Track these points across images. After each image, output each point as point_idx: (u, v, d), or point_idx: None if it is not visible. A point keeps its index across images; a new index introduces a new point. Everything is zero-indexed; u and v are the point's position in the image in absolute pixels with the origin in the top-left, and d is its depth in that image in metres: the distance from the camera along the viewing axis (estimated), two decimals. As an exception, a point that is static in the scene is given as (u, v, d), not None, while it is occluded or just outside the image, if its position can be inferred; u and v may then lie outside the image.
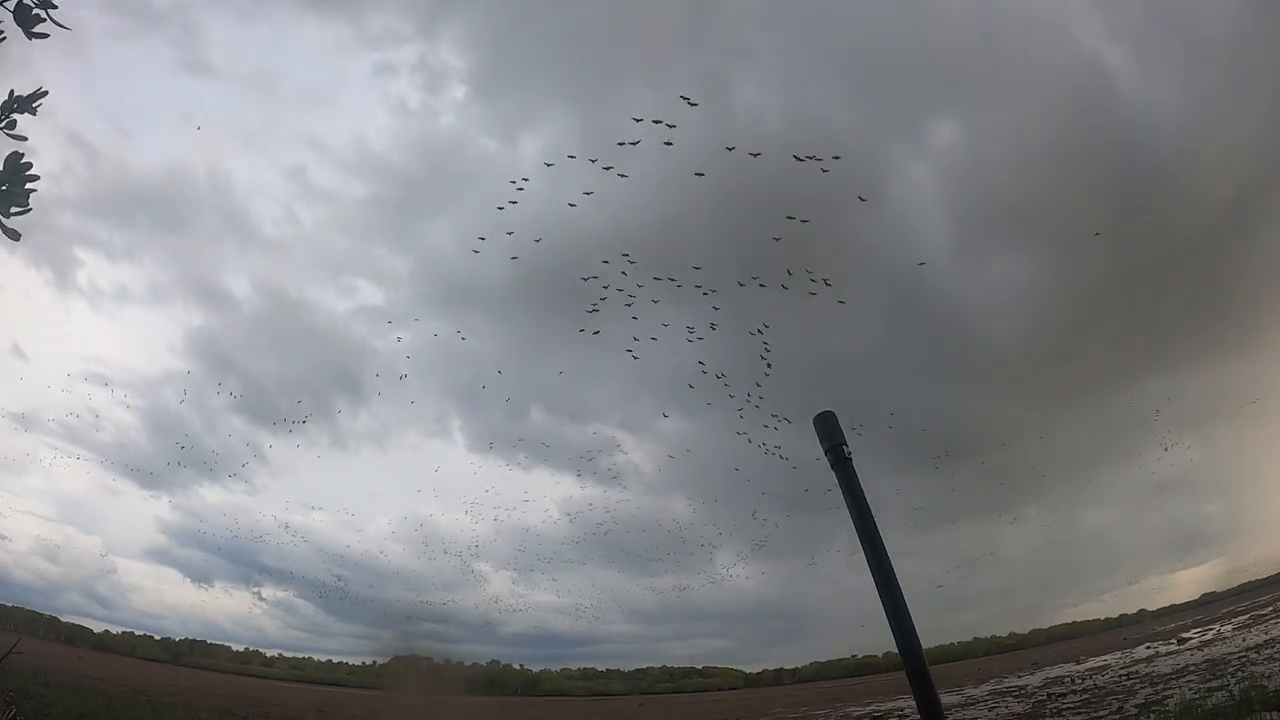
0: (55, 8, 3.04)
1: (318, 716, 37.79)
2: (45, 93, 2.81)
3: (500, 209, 50.14)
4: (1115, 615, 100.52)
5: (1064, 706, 23.44)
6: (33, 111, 2.84)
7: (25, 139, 2.87)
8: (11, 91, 2.82)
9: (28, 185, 2.75)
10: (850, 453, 1.95)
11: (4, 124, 2.80)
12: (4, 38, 3.04)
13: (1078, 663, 43.44)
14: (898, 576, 1.85)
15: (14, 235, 2.73)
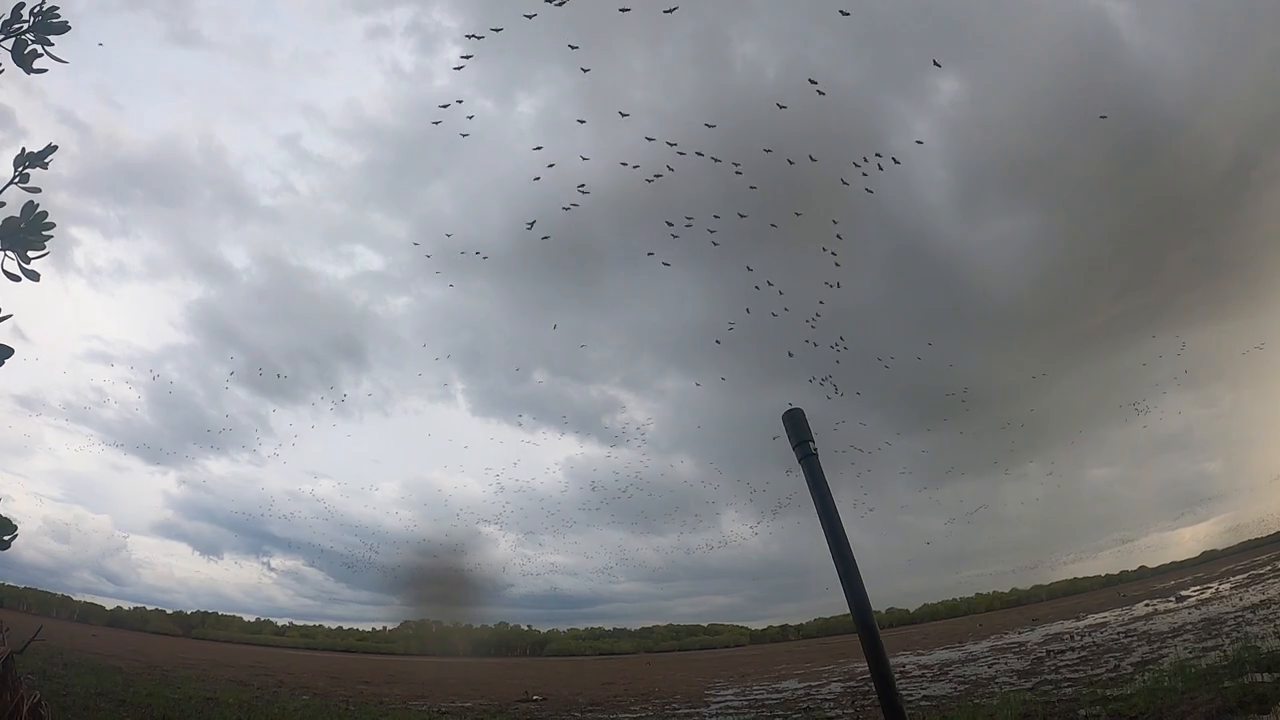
0: (53, 44, 3.19)
1: (329, 682, 38.19)
2: (55, 148, 3.03)
3: (536, 179, 49.59)
4: (1116, 572, 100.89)
5: (1062, 664, 23.71)
6: (44, 165, 2.96)
7: (39, 190, 2.94)
8: (23, 149, 2.93)
9: (44, 233, 2.89)
10: (816, 448, 2.08)
11: (17, 179, 2.97)
12: (3, 70, 3.26)
13: (1077, 620, 43.71)
14: (851, 550, 2.01)
15: (34, 276, 2.91)
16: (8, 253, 2.89)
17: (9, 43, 3.16)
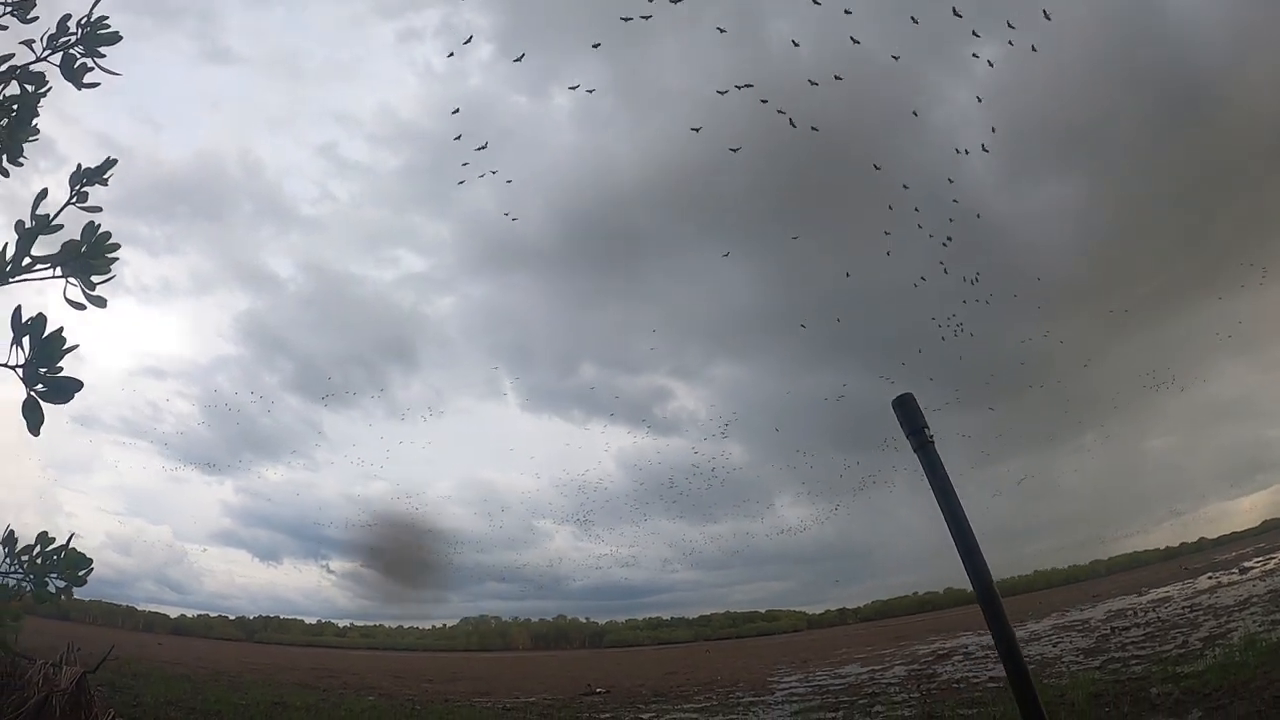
0: (104, 56, 3.06)
1: (393, 681, 38.58)
2: (115, 161, 2.88)
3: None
4: (1175, 544, 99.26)
5: (1128, 641, 23.45)
6: (104, 182, 2.89)
7: (100, 209, 2.84)
8: (79, 165, 2.87)
9: (108, 255, 2.79)
10: (932, 435, 2.07)
11: (75, 198, 2.85)
12: (49, 88, 3.18)
13: (1139, 594, 43.10)
14: (974, 535, 1.99)
15: (100, 302, 2.80)
16: (70, 280, 2.78)
17: (57, 58, 3.06)
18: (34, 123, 2.90)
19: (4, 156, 2.82)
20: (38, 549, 3.08)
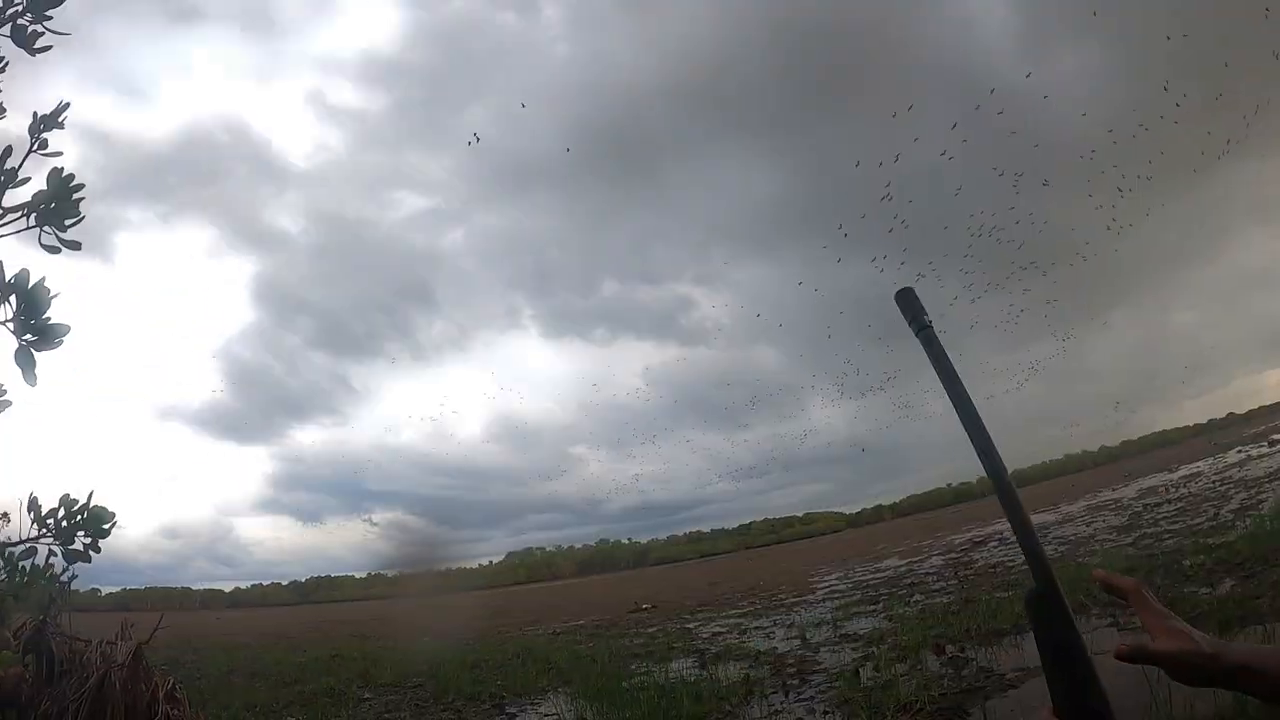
0: (50, 18, 3.04)
1: (446, 622, 39.17)
2: (68, 104, 2.93)
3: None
4: (1204, 421, 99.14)
5: (1160, 516, 23.60)
6: (60, 125, 2.95)
7: (61, 153, 2.89)
8: (35, 113, 2.91)
9: (75, 196, 2.83)
10: (930, 321, 2.16)
11: (36, 145, 2.88)
12: (6, 63, 3.22)
13: (1170, 472, 43.15)
14: (980, 418, 2.08)
15: (75, 245, 2.87)
16: (44, 228, 2.85)
17: (6, 29, 3.04)
18: None
19: None
20: (62, 511, 3.22)
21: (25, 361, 2.77)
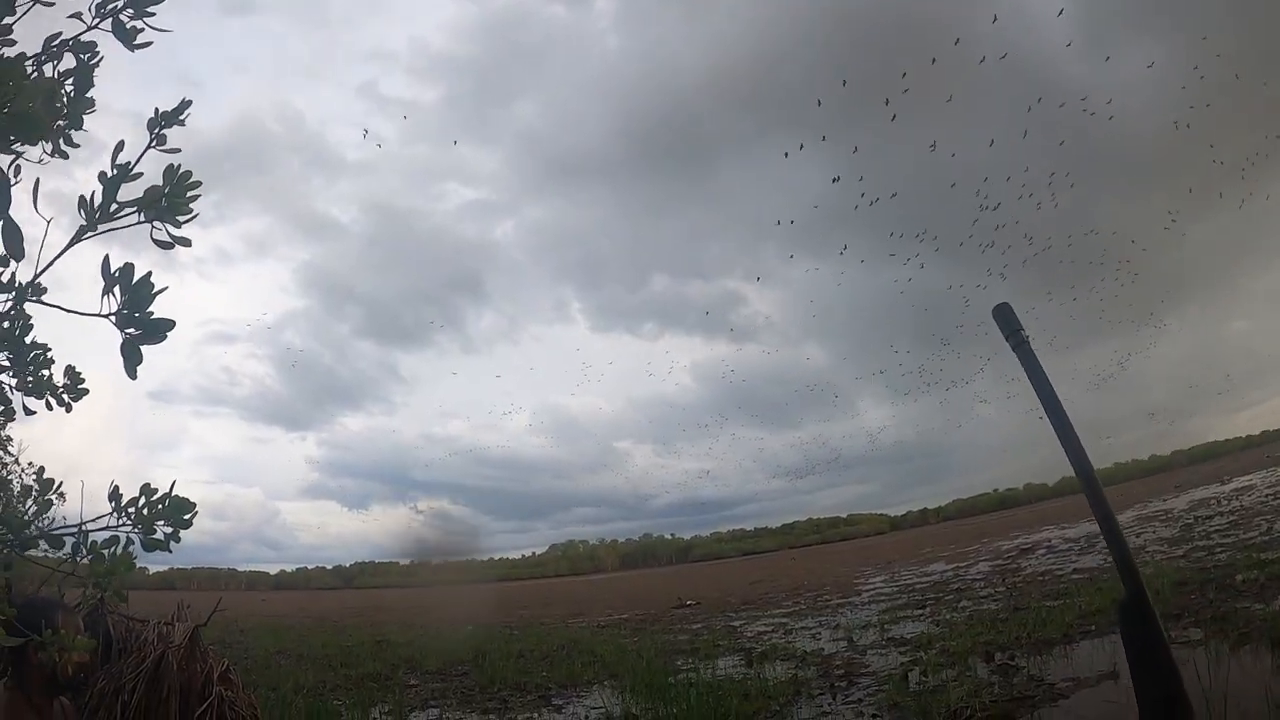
0: (153, 14, 3.00)
1: (490, 611, 39.40)
2: (189, 103, 2.94)
3: None
4: (1257, 433, 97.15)
5: (1212, 529, 23.30)
6: (182, 123, 2.92)
7: (179, 150, 2.85)
8: (156, 109, 2.89)
9: (189, 194, 2.78)
10: (1027, 336, 2.20)
11: (155, 141, 2.85)
12: (102, 58, 3.23)
13: (1222, 484, 42.54)
14: (1075, 430, 2.10)
15: (186, 242, 2.81)
16: (154, 223, 2.81)
17: (107, 24, 2.98)
18: (90, 94, 2.98)
19: (67, 135, 2.92)
20: (143, 500, 3.25)
21: (131, 356, 2.81)
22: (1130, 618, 1.86)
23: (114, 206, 2.72)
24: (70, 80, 2.86)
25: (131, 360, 2.78)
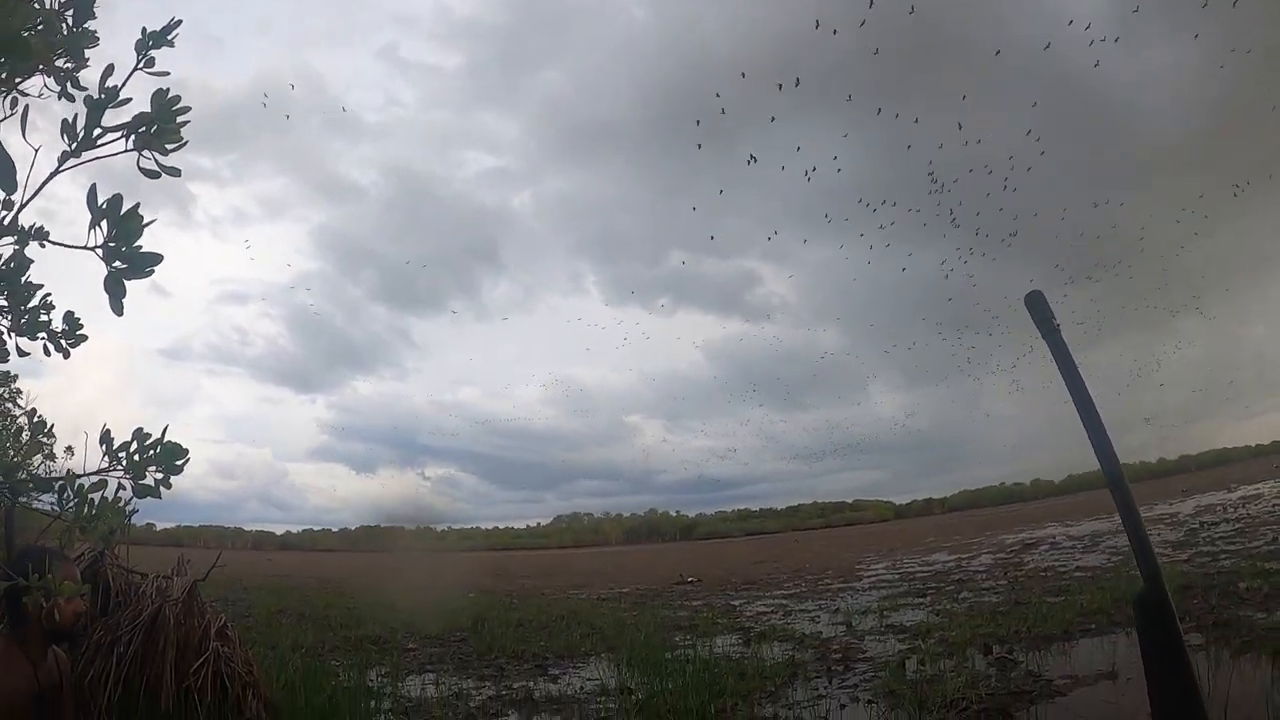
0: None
1: (492, 579, 39.66)
2: (179, 21, 2.80)
3: None
4: (1267, 442, 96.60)
5: (1217, 536, 23.25)
6: (170, 44, 2.81)
7: (168, 73, 2.78)
8: (144, 29, 2.77)
9: (179, 120, 2.73)
10: (1059, 325, 2.19)
11: (143, 63, 2.74)
12: None
13: (1229, 491, 42.40)
14: (1102, 421, 2.09)
15: (174, 171, 2.79)
16: (143, 152, 2.74)
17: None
18: (90, 25, 2.86)
19: (75, 78, 2.84)
20: (134, 444, 3.21)
21: (115, 289, 2.74)
22: (1149, 614, 1.84)
23: (98, 132, 2.67)
24: (70, 11, 2.73)
25: (116, 294, 2.73)
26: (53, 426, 3.87)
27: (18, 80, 2.52)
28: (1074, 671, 9.68)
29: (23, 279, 3.48)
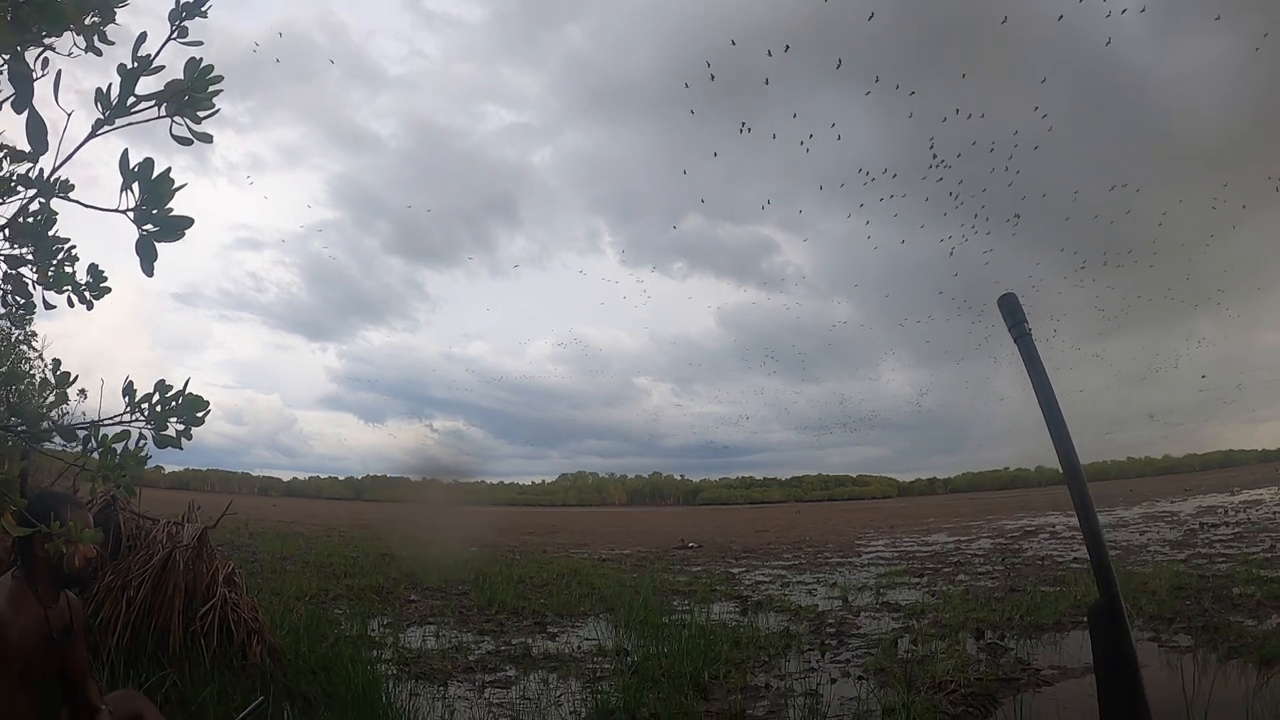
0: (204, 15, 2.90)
1: (495, 534, 40.02)
2: None
3: None
4: (1274, 447, 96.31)
5: (1215, 538, 23.32)
6: (203, 14, 2.85)
7: (201, 43, 2.81)
8: (178, 0, 2.77)
9: (211, 89, 2.78)
10: (1030, 329, 2.25)
11: (176, 33, 2.78)
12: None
13: (1231, 494, 42.49)
14: (1067, 427, 2.17)
15: (206, 138, 2.85)
16: (175, 118, 2.80)
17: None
18: None
19: (102, 32, 2.90)
20: (156, 396, 3.29)
21: (146, 252, 2.82)
22: (1101, 620, 1.93)
23: (132, 100, 2.74)
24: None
25: (147, 257, 2.83)
26: (76, 378, 3.97)
27: (48, 38, 2.58)
28: (1063, 662, 9.80)
29: (50, 233, 3.60)
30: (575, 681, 9.51)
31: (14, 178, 3.40)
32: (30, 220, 3.46)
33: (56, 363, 3.81)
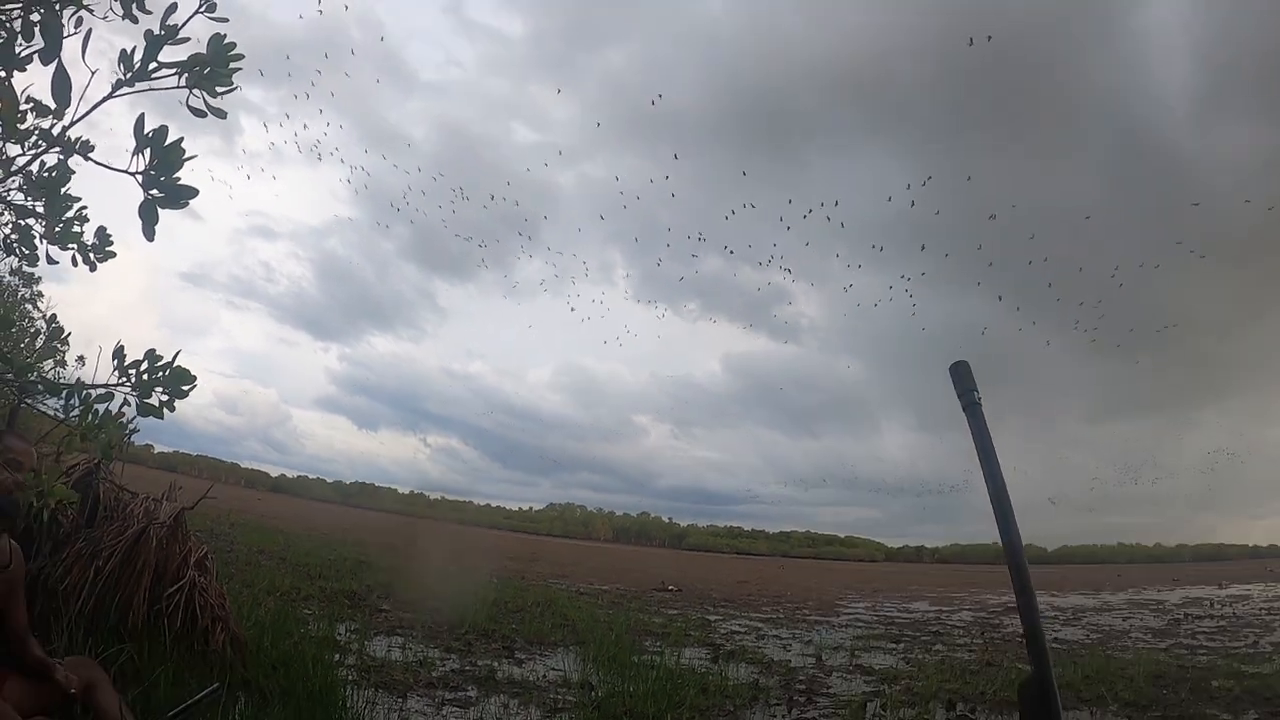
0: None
1: (476, 555, 39.81)
2: None
3: None
4: (1265, 544, 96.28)
5: (1199, 630, 23.14)
6: None
7: (226, 20, 2.85)
8: None
9: (231, 65, 2.81)
10: (980, 398, 2.21)
11: (205, 6, 2.82)
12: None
13: (1219, 587, 42.37)
14: (1010, 503, 2.11)
15: (221, 114, 2.91)
16: (193, 91, 2.85)
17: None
18: None
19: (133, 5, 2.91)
20: (145, 364, 3.27)
21: (149, 215, 2.82)
22: (1031, 699, 1.87)
23: (154, 66, 2.75)
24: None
25: (149, 220, 2.82)
26: (69, 335, 3.92)
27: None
28: (1032, 741, 9.66)
29: (63, 190, 3.58)
30: (535, 710, 9.38)
31: (36, 131, 3.43)
32: (47, 175, 3.47)
33: (53, 316, 3.79)
